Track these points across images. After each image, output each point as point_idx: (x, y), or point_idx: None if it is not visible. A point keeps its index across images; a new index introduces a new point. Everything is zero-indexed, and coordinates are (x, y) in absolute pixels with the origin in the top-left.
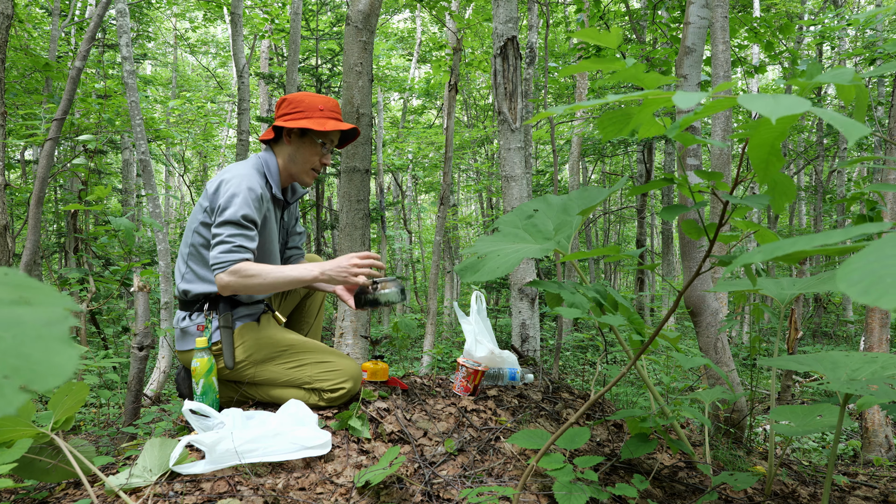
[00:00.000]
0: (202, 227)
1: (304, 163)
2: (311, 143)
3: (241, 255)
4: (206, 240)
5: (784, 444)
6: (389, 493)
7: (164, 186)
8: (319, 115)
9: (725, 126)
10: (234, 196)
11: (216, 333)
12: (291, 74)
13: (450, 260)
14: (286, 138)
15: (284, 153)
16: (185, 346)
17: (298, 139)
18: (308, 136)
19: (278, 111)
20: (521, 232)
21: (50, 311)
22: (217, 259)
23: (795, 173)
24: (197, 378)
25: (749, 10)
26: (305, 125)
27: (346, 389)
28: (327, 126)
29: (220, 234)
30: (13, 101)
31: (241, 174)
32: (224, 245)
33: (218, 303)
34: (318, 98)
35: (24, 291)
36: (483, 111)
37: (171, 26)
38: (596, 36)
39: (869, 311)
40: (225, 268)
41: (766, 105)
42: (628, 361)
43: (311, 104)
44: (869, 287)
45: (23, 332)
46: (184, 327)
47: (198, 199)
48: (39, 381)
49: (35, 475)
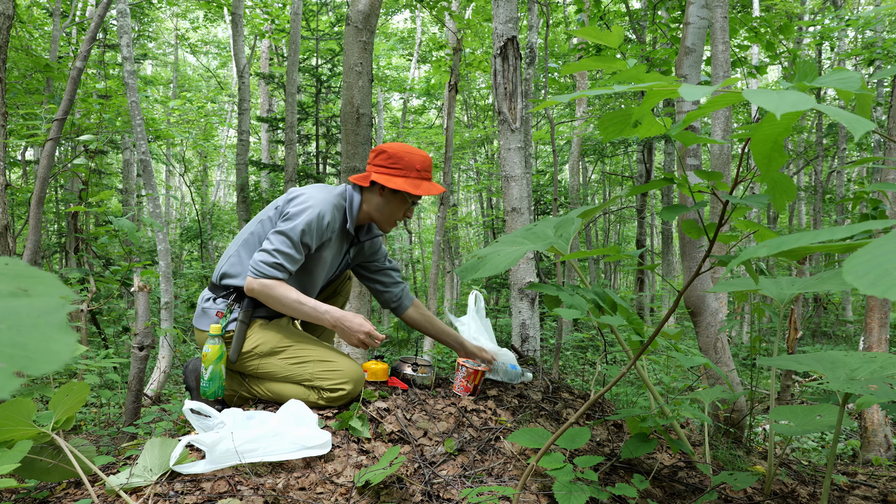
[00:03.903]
0: (268, 220)
1: (391, 215)
2: (402, 200)
3: (277, 274)
4: (264, 235)
5: (784, 443)
6: (389, 493)
7: (165, 186)
8: (416, 177)
9: (725, 126)
10: (302, 213)
11: (232, 324)
12: (291, 74)
13: (450, 260)
14: (379, 190)
15: (372, 201)
16: (201, 325)
17: (391, 195)
18: (401, 194)
19: (375, 160)
20: (520, 239)
21: (47, 301)
22: (257, 265)
23: (795, 173)
24: (206, 364)
25: (749, 10)
26: (402, 186)
27: (346, 391)
28: (420, 190)
29: (273, 243)
30: (14, 101)
31: (321, 198)
32: (269, 257)
33: (244, 297)
34: (417, 156)
35: (23, 282)
36: (483, 111)
37: (172, 26)
38: (597, 35)
39: (868, 311)
40: (258, 276)
41: (771, 101)
42: (628, 361)
43: (410, 163)
44: (876, 279)
45: (19, 322)
46: (206, 307)
47: (198, 199)
48: (34, 367)
49: (36, 475)
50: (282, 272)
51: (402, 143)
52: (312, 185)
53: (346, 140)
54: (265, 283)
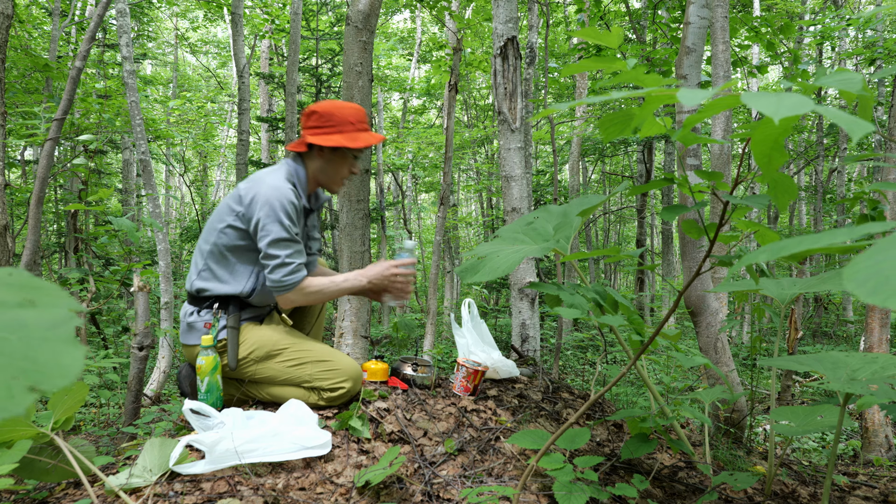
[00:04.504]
0: (230, 229)
1: (335, 174)
2: (343, 156)
3: (302, 275)
4: (233, 242)
5: (784, 444)
6: (389, 493)
7: (165, 186)
8: (351, 129)
9: (725, 126)
10: (278, 211)
11: (223, 332)
12: (291, 74)
13: (450, 260)
14: (318, 152)
15: (315, 165)
16: (190, 341)
17: (330, 153)
18: (340, 150)
19: (307, 122)
20: (521, 236)
21: (55, 313)
22: (282, 282)
23: (795, 173)
24: (202, 376)
25: (749, 10)
26: (339, 142)
27: (345, 389)
28: (359, 142)
29: (280, 256)
30: (13, 100)
31: (277, 186)
32: (286, 267)
33: (228, 303)
34: (348, 109)
35: (28, 292)
36: (483, 111)
37: (172, 26)
38: (597, 35)
39: (869, 311)
40: (291, 288)
41: (769, 104)
42: (628, 361)
43: (343, 117)
44: (877, 287)
45: (29, 335)
46: (191, 322)
47: (198, 199)
48: (47, 382)
49: (35, 475)
50: (304, 270)
51: (330, 101)
52: (257, 179)
53: None
54: (299, 288)
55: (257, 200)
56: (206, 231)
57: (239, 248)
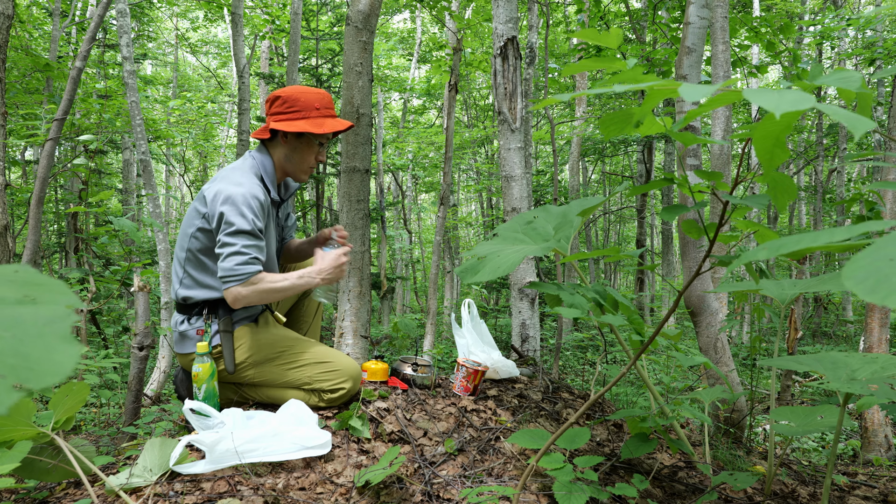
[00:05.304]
0: (200, 232)
1: (301, 162)
2: (308, 143)
3: (257, 268)
4: (205, 245)
5: (784, 443)
6: (389, 493)
7: (165, 186)
8: (316, 115)
9: (725, 126)
10: (240, 205)
11: (216, 337)
12: (291, 74)
13: (450, 260)
14: (282, 138)
15: (280, 153)
16: (184, 350)
17: (295, 140)
18: (305, 136)
19: (271, 108)
20: (520, 236)
21: (52, 309)
22: (234, 271)
23: (795, 173)
24: (199, 383)
25: (749, 10)
26: (303, 128)
27: (345, 389)
28: (325, 128)
29: (235, 245)
30: (14, 100)
31: (240, 182)
32: (240, 256)
33: (217, 308)
34: (313, 95)
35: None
36: (483, 111)
37: (172, 26)
38: (596, 36)
39: (868, 311)
40: (242, 280)
41: (770, 100)
42: (628, 361)
43: (307, 103)
44: (875, 286)
45: (23, 331)
46: (182, 331)
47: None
48: (37, 379)
49: (36, 475)
50: (259, 264)
51: (296, 86)
52: (220, 178)
53: (345, 140)
54: (252, 280)
55: (219, 197)
56: (180, 238)
57: (212, 251)
